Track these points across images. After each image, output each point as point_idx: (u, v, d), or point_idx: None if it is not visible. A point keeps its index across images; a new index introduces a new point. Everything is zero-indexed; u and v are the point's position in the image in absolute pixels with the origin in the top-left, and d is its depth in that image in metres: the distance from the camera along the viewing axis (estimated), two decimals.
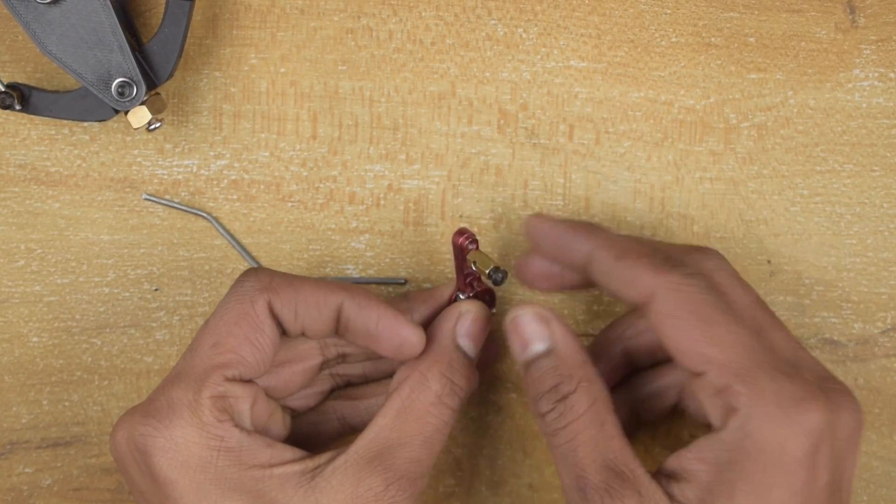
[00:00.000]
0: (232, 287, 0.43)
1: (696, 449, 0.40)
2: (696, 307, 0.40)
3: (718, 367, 0.39)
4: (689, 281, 0.40)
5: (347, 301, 0.43)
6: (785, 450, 0.38)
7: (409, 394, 0.42)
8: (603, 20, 0.49)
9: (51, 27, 0.45)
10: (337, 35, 0.49)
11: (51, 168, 0.49)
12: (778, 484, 0.38)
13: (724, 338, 0.40)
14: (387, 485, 0.40)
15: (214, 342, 0.42)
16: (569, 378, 0.42)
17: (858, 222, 0.50)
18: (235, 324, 0.42)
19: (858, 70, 0.49)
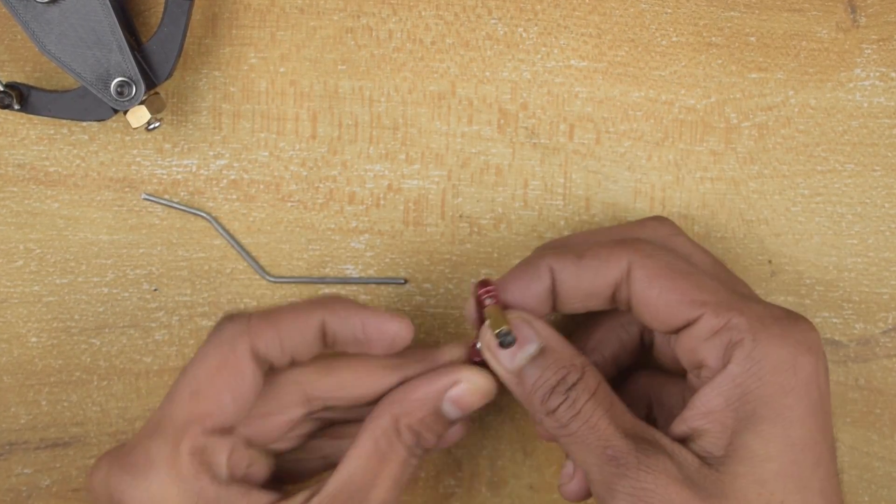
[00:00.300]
0: (211, 333, 0.42)
1: (700, 403, 0.40)
2: (673, 265, 0.42)
3: (715, 306, 0.40)
4: (656, 248, 0.42)
5: (328, 316, 0.42)
6: (797, 366, 0.39)
7: (380, 436, 0.42)
8: (603, 19, 0.49)
9: (50, 26, 0.45)
10: (336, 34, 0.49)
11: (50, 168, 0.49)
12: (798, 403, 0.39)
13: (709, 284, 0.41)
14: None
15: (193, 390, 0.41)
16: (573, 367, 0.41)
17: (860, 222, 0.50)
18: (216, 371, 0.41)
19: (860, 69, 0.49)
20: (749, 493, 0.39)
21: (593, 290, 0.43)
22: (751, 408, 0.39)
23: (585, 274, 0.43)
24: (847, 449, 0.50)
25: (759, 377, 0.39)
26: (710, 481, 0.39)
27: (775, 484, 0.39)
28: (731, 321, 0.40)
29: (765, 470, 0.39)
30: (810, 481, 0.39)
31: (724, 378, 0.40)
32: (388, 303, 0.50)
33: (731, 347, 0.40)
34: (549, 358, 0.42)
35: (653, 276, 0.42)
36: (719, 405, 0.40)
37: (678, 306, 0.41)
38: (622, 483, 0.39)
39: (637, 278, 0.42)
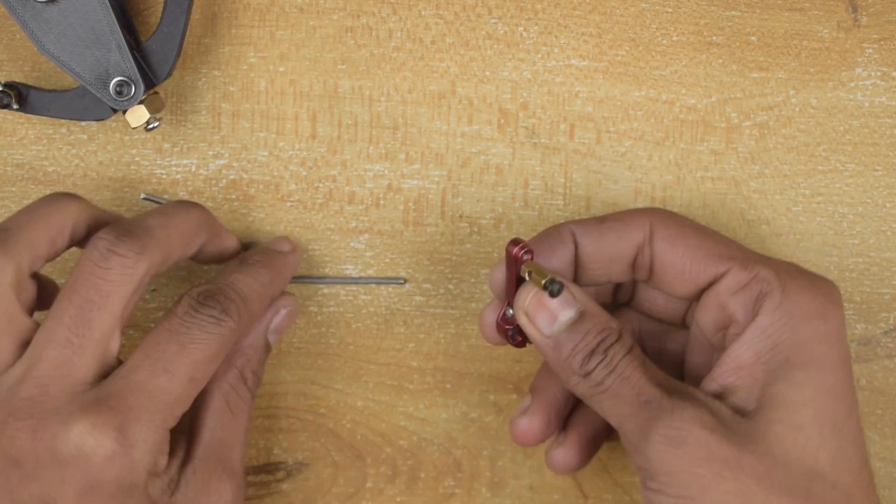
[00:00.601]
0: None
1: (731, 359, 0.40)
2: (694, 225, 0.43)
3: (742, 261, 0.41)
4: (675, 213, 0.44)
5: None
6: (827, 316, 0.40)
7: (229, 391, 0.44)
8: (604, 19, 0.49)
9: (48, 26, 0.45)
10: (336, 34, 0.49)
11: (48, 168, 0.49)
12: (830, 350, 0.40)
13: (731, 242, 0.43)
14: (234, 490, 0.43)
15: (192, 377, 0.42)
16: (611, 330, 0.41)
17: (861, 222, 0.50)
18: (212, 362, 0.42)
19: (861, 69, 0.49)
20: (786, 440, 0.39)
21: (616, 253, 0.43)
22: (783, 357, 0.39)
23: (608, 237, 0.43)
24: None
25: (791, 326, 0.40)
26: (745, 428, 0.39)
27: (811, 429, 0.39)
28: (759, 274, 0.41)
29: (800, 415, 0.39)
30: (844, 429, 0.39)
31: (754, 331, 0.40)
32: (388, 302, 0.50)
33: (760, 299, 0.40)
34: (587, 322, 0.41)
35: (676, 235, 0.42)
36: (749, 359, 0.40)
37: (704, 262, 0.42)
38: (657, 426, 0.39)
39: (661, 238, 0.42)
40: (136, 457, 0.39)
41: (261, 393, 0.50)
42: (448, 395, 0.50)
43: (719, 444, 0.38)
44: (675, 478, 0.38)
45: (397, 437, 0.50)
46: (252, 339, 0.46)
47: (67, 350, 0.40)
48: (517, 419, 0.45)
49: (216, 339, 0.42)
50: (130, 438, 0.39)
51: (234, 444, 0.44)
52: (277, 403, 0.50)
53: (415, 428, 0.50)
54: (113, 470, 0.39)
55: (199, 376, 0.41)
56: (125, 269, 0.41)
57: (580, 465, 0.46)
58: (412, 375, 0.50)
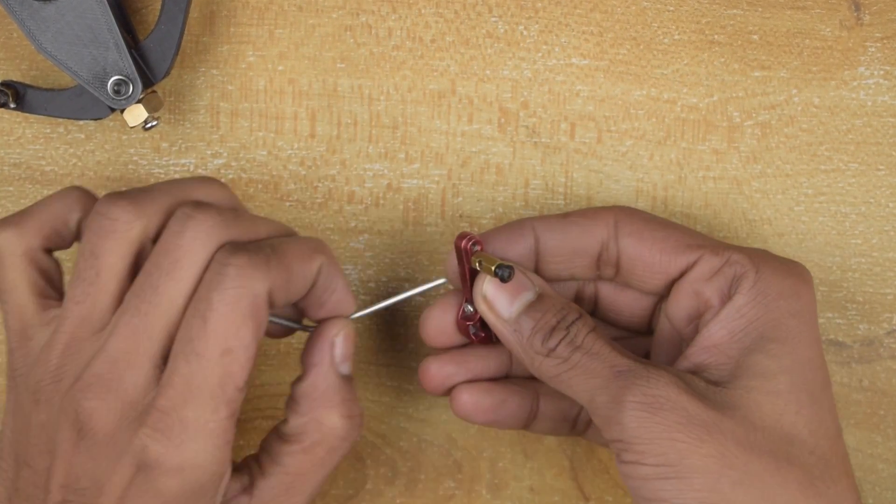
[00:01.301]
0: (224, 270, 0.38)
1: (704, 339, 0.40)
2: (659, 219, 0.43)
3: (712, 247, 0.42)
4: (638, 209, 0.44)
5: (325, 265, 0.41)
6: (797, 296, 0.40)
7: (311, 446, 0.42)
8: (605, 17, 0.49)
9: (46, 24, 0.45)
10: (335, 32, 0.48)
11: (46, 167, 0.49)
12: (804, 325, 0.40)
13: (696, 233, 0.43)
14: None
15: (225, 349, 0.38)
16: (570, 308, 0.41)
17: (864, 222, 0.49)
18: (243, 324, 0.38)
19: (863, 68, 0.49)
20: (764, 405, 0.39)
21: (579, 248, 0.43)
22: (757, 333, 0.40)
23: (571, 232, 0.43)
24: (851, 451, 0.50)
25: (765, 304, 0.40)
26: (722, 396, 0.39)
27: (789, 396, 0.39)
28: (731, 258, 0.41)
29: (777, 382, 0.39)
30: (821, 398, 0.40)
31: (730, 310, 0.40)
32: None
33: (735, 281, 0.41)
34: (546, 302, 0.41)
35: (643, 229, 0.42)
36: (723, 337, 0.40)
37: (674, 252, 0.42)
38: (632, 392, 0.38)
39: (626, 233, 0.42)
40: (190, 457, 0.38)
41: (260, 394, 0.49)
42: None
43: (697, 409, 0.38)
44: (653, 445, 0.38)
45: (397, 439, 0.50)
46: (324, 384, 0.42)
47: (135, 319, 0.39)
48: (461, 393, 0.45)
49: (233, 294, 0.38)
50: (184, 440, 0.38)
51: (303, 488, 0.42)
52: (277, 405, 0.50)
53: (415, 429, 0.50)
54: (170, 476, 0.38)
55: (232, 345, 0.38)
56: (198, 234, 0.39)
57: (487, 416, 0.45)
58: (412, 376, 0.50)
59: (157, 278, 0.39)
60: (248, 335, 0.38)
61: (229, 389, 0.38)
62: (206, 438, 0.38)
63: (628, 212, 0.43)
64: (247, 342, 0.38)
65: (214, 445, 0.38)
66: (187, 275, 0.39)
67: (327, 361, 0.42)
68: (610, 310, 0.45)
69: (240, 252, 0.39)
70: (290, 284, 0.40)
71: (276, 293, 0.39)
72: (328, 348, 0.42)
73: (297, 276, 0.40)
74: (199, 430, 0.38)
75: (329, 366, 0.42)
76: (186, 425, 0.38)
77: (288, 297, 0.40)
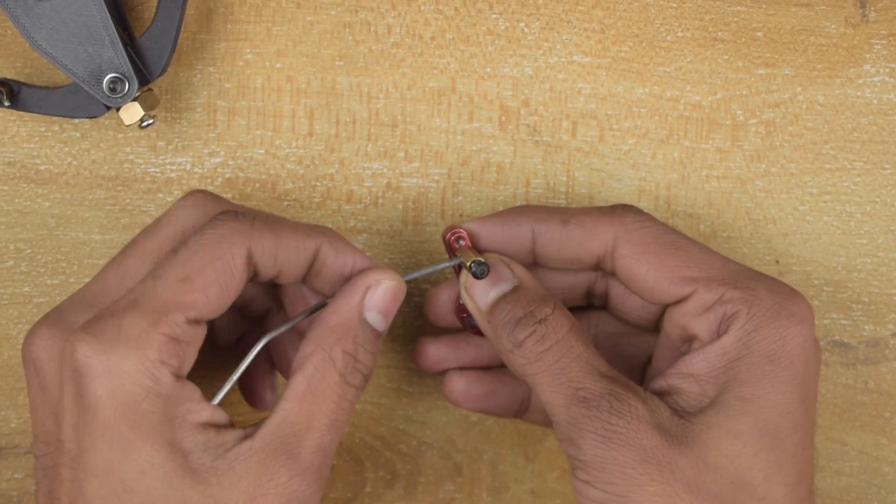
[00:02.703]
0: (212, 223, 0.40)
1: (684, 366, 0.41)
2: (661, 238, 0.42)
3: (706, 283, 0.41)
4: (644, 219, 0.43)
5: (325, 245, 0.42)
6: (786, 339, 0.40)
7: (313, 373, 0.40)
8: (607, 14, 0.48)
9: (40, 21, 0.44)
10: (334, 29, 0.48)
11: (41, 166, 0.48)
12: (782, 371, 0.40)
13: (699, 257, 0.42)
14: (290, 476, 0.39)
15: (184, 276, 0.39)
16: (543, 302, 0.41)
17: (869, 221, 0.49)
18: (209, 262, 0.39)
19: (869, 65, 0.49)
20: (721, 444, 0.39)
21: (576, 257, 0.43)
22: (734, 372, 0.40)
23: (569, 242, 0.43)
24: (856, 453, 0.50)
25: (748, 346, 0.40)
26: (682, 430, 0.40)
27: (749, 437, 0.39)
28: (724, 295, 0.41)
29: (740, 423, 0.39)
30: (785, 443, 0.40)
31: (714, 347, 0.41)
32: None
33: (725, 321, 0.41)
34: (519, 294, 0.42)
35: (640, 253, 0.42)
36: (702, 370, 0.41)
37: (668, 284, 0.42)
38: (593, 424, 0.39)
39: (623, 255, 0.42)
40: (117, 363, 0.38)
41: None
42: None
43: (653, 447, 0.39)
44: (606, 473, 0.39)
45: (396, 441, 0.50)
46: (342, 319, 0.41)
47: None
48: (453, 378, 0.46)
49: (211, 236, 0.40)
50: (107, 344, 0.38)
51: (311, 430, 0.40)
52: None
53: (414, 431, 0.50)
54: (100, 382, 0.38)
55: (192, 275, 0.39)
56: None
57: (476, 404, 0.46)
58: (412, 378, 0.50)
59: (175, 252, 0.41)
60: (212, 274, 0.39)
61: (175, 313, 0.39)
62: (136, 347, 0.38)
63: (629, 228, 0.43)
64: (208, 280, 0.39)
65: (144, 356, 0.38)
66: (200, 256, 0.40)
67: (352, 299, 0.42)
68: (620, 308, 0.45)
69: (228, 211, 0.41)
70: (278, 250, 0.41)
71: (260, 255, 0.40)
72: (359, 289, 0.42)
73: (286, 246, 0.41)
74: (130, 337, 0.38)
75: (354, 304, 0.41)
76: (120, 331, 0.38)
77: (276, 264, 0.41)
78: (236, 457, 0.39)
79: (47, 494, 0.40)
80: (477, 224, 0.44)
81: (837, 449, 0.50)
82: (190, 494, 0.38)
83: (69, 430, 0.39)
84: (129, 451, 0.38)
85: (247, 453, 0.39)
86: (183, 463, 0.38)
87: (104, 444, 0.38)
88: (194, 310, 0.39)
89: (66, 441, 0.39)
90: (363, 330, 0.41)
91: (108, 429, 0.38)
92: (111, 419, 0.38)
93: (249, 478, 0.39)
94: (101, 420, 0.38)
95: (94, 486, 0.38)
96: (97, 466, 0.38)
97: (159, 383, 0.38)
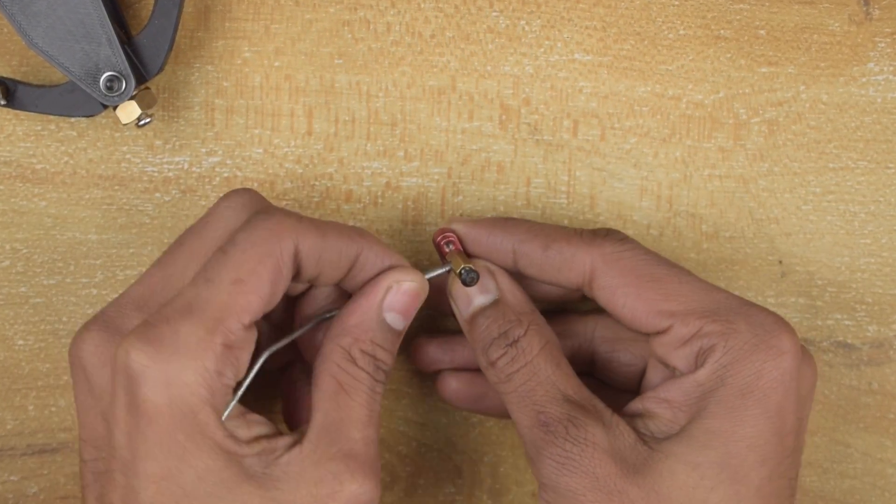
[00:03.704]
0: (259, 217, 0.40)
1: (662, 391, 0.41)
2: (639, 270, 0.42)
3: (683, 317, 0.41)
4: (623, 247, 0.42)
5: (367, 249, 0.42)
6: (761, 373, 0.40)
7: (338, 371, 0.41)
8: (608, 12, 0.48)
9: (37, 19, 0.44)
10: (333, 27, 0.48)
11: (37, 165, 0.48)
12: (753, 406, 0.40)
13: (678, 289, 0.42)
14: (351, 474, 0.39)
15: (237, 278, 0.38)
16: (517, 322, 0.42)
17: (873, 221, 0.49)
18: (260, 262, 0.39)
19: (873, 64, 0.49)
20: (677, 475, 0.39)
21: (556, 283, 0.44)
22: (704, 404, 0.40)
23: (548, 268, 0.43)
24: (860, 455, 0.50)
25: (722, 379, 0.40)
26: (641, 458, 0.40)
27: (708, 469, 0.40)
28: (702, 329, 0.41)
29: (700, 455, 0.40)
30: (748, 477, 0.40)
31: (689, 380, 0.41)
32: None
33: (702, 354, 0.41)
34: (498, 310, 0.42)
35: (617, 286, 0.42)
36: (676, 398, 0.41)
37: (645, 317, 0.42)
38: (549, 449, 0.40)
39: (600, 286, 0.42)
40: (175, 374, 0.37)
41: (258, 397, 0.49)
42: None
43: (606, 475, 0.39)
44: (562, 498, 0.40)
45: (396, 443, 0.50)
46: (361, 318, 0.42)
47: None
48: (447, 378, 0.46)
49: (261, 233, 0.39)
50: (165, 353, 0.38)
51: (353, 424, 0.40)
52: (275, 408, 0.49)
53: (414, 433, 0.50)
54: (157, 391, 0.37)
55: (245, 277, 0.39)
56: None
57: (468, 405, 0.47)
58: (412, 379, 0.50)
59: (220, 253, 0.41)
60: (264, 273, 0.39)
61: (231, 320, 0.38)
62: (195, 357, 0.38)
63: (607, 259, 0.42)
64: (261, 280, 0.39)
65: (203, 367, 0.38)
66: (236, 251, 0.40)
67: (373, 299, 0.42)
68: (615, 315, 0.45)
69: (273, 207, 0.41)
70: (323, 250, 0.40)
71: (306, 253, 0.40)
72: (380, 289, 0.42)
73: (331, 245, 0.41)
74: (189, 346, 0.38)
75: (374, 305, 0.42)
76: (178, 339, 0.38)
77: (320, 263, 0.41)
78: (288, 462, 0.39)
79: (98, 499, 0.40)
80: (464, 228, 0.44)
81: (841, 451, 0.50)
82: (250, 499, 0.38)
83: (122, 436, 0.38)
84: (187, 458, 0.38)
85: (298, 457, 0.39)
86: (239, 471, 0.38)
87: (161, 451, 0.38)
88: (249, 313, 0.39)
89: (118, 448, 0.39)
90: (381, 330, 0.42)
91: (164, 437, 0.38)
92: (168, 428, 0.38)
93: (309, 481, 0.39)
94: (158, 428, 0.38)
95: (151, 492, 0.38)
96: (154, 473, 0.38)
97: (215, 395, 0.38)
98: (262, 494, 0.38)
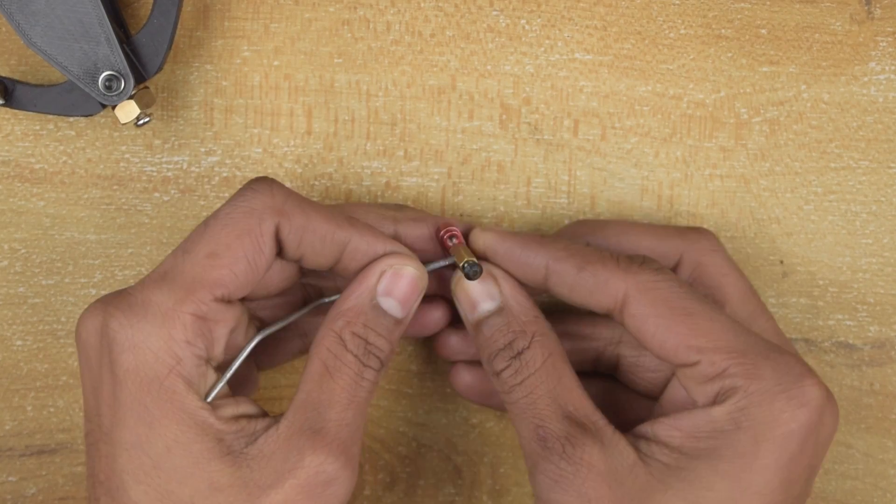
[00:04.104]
0: (240, 193, 0.41)
1: (675, 419, 0.41)
2: (673, 302, 0.41)
3: (711, 355, 0.40)
4: (659, 277, 0.42)
5: (356, 239, 0.42)
6: (778, 422, 0.39)
7: (326, 355, 0.41)
8: (609, 11, 0.48)
9: (35, 18, 0.44)
10: (332, 26, 0.48)
11: (35, 165, 0.48)
12: (764, 455, 0.39)
13: (710, 326, 0.41)
14: (314, 450, 0.39)
15: (211, 251, 0.40)
16: (522, 334, 0.42)
17: (874, 221, 0.49)
18: (237, 237, 0.40)
19: (874, 63, 0.48)
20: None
21: (586, 305, 0.43)
22: (715, 444, 0.40)
23: (580, 289, 0.43)
24: (861, 456, 0.50)
25: (737, 423, 0.40)
26: (639, 483, 0.40)
27: None
28: (728, 369, 0.40)
29: (701, 496, 0.39)
30: None
31: (704, 414, 0.40)
32: None
33: (722, 394, 0.40)
34: (503, 318, 0.42)
35: (648, 315, 0.41)
36: (688, 428, 0.40)
37: (674, 350, 0.41)
38: (544, 465, 0.40)
39: (631, 314, 0.41)
40: (142, 339, 0.39)
41: (257, 397, 0.49)
42: (448, 399, 0.50)
43: (599, 498, 0.39)
44: None
45: (396, 444, 0.50)
46: (353, 303, 0.42)
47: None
48: (461, 371, 0.47)
49: (241, 209, 0.40)
50: (135, 318, 0.39)
51: (331, 406, 0.40)
52: (274, 408, 0.49)
53: (414, 434, 0.50)
54: (126, 355, 0.39)
55: (220, 251, 0.40)
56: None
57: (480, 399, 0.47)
58: (411, 380, 0.50)
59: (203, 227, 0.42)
60: (239, 249, 0.40)
61: (202, 291, 0.39)
62: (162, 324, 0.39)
63: (643, 285, 0.41)
64: (236, 255, 0.40)
65: (169, 334, 0.39)
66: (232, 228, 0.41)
67: (365, 283, 0.42)
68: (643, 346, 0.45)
69: (261, 181, 0.41)
70: (304, 233, 0.41)
71: (287, 234, 0.41)
72: (373, 274, 0.42)
73: (314, 230, 0.41)
74: (157, 314, 0.39)
75: (366, 289, 0.42)
76: (148, 306, 0.39)
77: (299, 247, 0.41)
78: (265, 441, 0.40)
79: (92, 474, 0.41)
80: (496, 240, 0.43)
81: (842, 451, 0.50)
82: (218, 476, 0.39)
83: (105, 406, 0.39)
84: (155, 426, 0.39)
85: (273, 436, 0.40)
86: (213, 446, 0.39)
87: (132, 417, 0.39)
88: (221, 287, 0.40)
89: (102, 416, 0.40)
90: (374, 314, 0.42)
91: (134, 402, 0.39)
92: (136, 393, 0.39)
93: (277, 458, 0.39)
94: (128, 393, 0.39)
95: (124, 459, 0.39)
96: (127, 441, 0.39)
97: (181, 363, 0.39)
98: (231, 472, 0.39)
